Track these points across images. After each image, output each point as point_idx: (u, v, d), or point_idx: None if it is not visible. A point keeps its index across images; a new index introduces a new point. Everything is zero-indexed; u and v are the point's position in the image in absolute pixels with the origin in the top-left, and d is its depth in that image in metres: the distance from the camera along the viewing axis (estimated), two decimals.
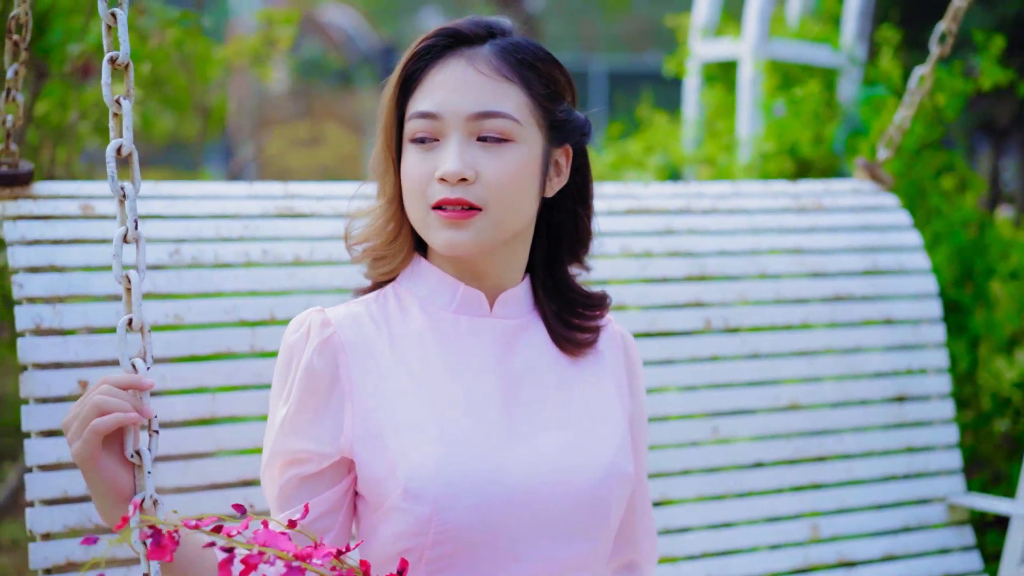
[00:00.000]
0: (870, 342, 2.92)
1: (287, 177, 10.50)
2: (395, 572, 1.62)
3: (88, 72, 3.61)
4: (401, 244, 1.90)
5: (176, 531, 1.55)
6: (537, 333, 1.92)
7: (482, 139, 1.79)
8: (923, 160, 3.85)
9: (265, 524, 1.57)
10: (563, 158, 1.89)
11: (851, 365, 2.89)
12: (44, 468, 2.19)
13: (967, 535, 2.93)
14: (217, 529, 1.55)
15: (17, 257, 2.25)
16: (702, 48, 4.31)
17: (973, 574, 2.90)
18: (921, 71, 3.00)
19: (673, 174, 4.26)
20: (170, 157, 7.06)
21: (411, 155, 1.82)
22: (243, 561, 1.52)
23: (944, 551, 2.90)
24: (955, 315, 3.77)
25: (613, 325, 2.03)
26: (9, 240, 2.26)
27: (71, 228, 2.30)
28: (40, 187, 2.34)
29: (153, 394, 2.26)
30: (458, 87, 1.79)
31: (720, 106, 4.33)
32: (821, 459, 2.84)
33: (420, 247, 1.92)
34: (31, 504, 2.18)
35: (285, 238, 2.45)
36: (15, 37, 2.25)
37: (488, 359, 1.86)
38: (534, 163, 1.82)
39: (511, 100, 1.80)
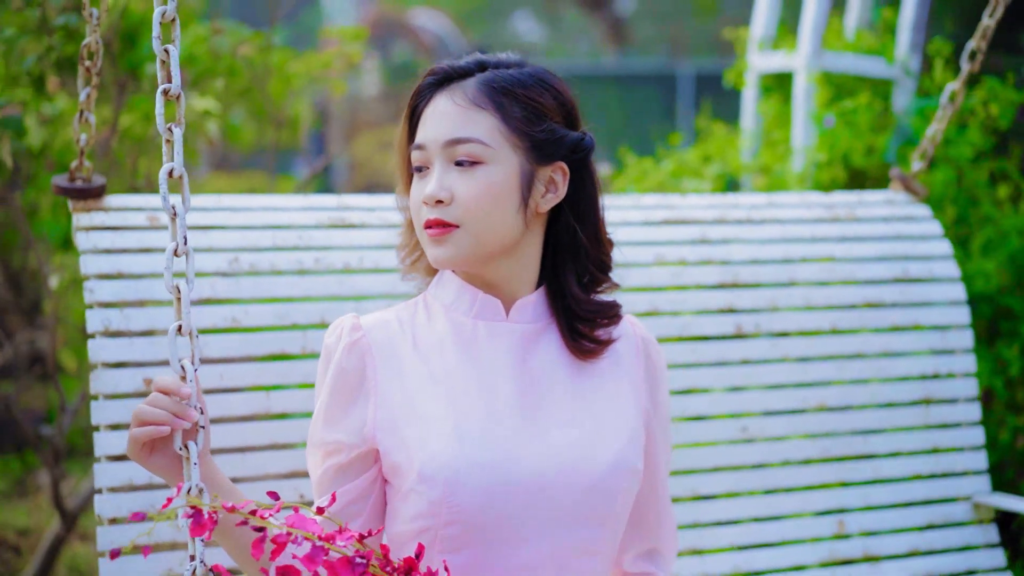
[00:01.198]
0: (900, 347, 3.02)
1: (375, 179, 10.71)
2: (412, 555, 1.80)
3: None
4: (419, 261, 2.12)
5: (215, 512, 1.74)
6: (553, 338, 2.07)
7: (459, 163, 1.96)
8: (977, 169, 3.93)
9: (296, 510, 1.76)
10: (559, 174, 2.02)
11: (881, 369, 2.99)
12: (111, 459, 2.39)
13: (992, 533, 3.02)
14: (252, 512, 1.74)
15: (89, 265, 2.45)
16: (759, 60, 4.42)
17: (997, 570, 3.00)
18: (952, 87, 3.10)
19: (730, 183, 4.36)
20: (257, 162, 7.31)
21: (413, 183, 2.03)
22: (273, 540, 1.71)
23: (968, 548, 2.99)
24: (1007, 321, 3.83)
25: (636, 330, 2.16)
26: (82, 249, 2.46)
27: (138, 238, 2.50)
28: (111, 200, 2.54)
29: (212, 392, 2.46)
30: (439, 119, 1.98)
31: (776, 116, 4.42)
32: (849, 458, 2.94)
33: None
34: (100, 491, 2.38)
35: (336, 247, 2.63)
36: (87, 64, 2.45)
37: (505, 361, 2.02)
38: (510, 181, 1.96)
39: (481, 126, 1.96)
